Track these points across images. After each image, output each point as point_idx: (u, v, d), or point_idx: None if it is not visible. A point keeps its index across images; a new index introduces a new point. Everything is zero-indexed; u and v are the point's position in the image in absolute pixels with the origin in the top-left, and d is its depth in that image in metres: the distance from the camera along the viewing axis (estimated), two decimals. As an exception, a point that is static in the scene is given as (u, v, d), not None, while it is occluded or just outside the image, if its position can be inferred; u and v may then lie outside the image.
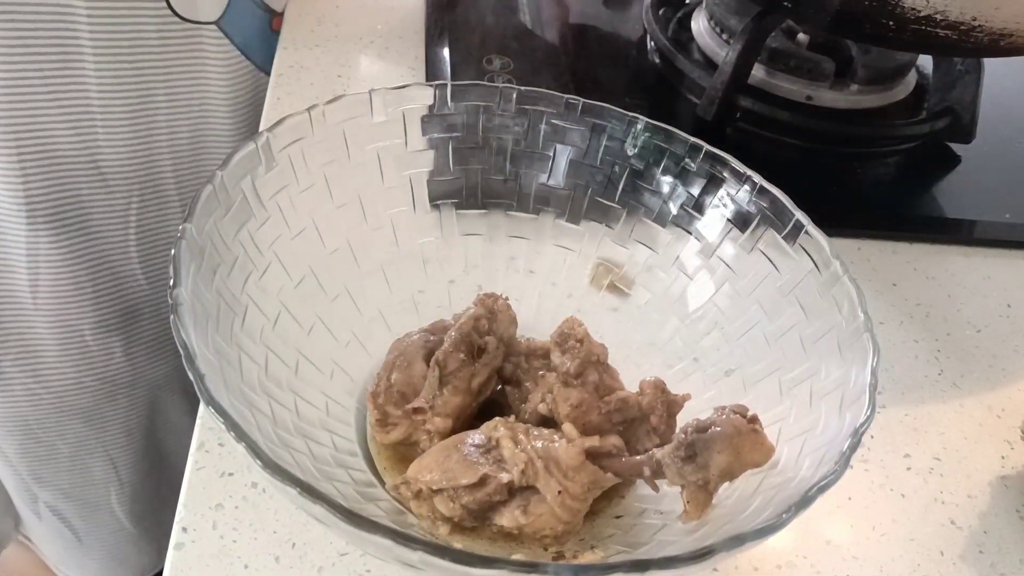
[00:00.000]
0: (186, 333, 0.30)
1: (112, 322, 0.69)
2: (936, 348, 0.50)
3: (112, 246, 0.66)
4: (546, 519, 0.33)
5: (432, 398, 0.36)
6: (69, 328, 0.68)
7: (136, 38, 0.58)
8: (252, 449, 0.27)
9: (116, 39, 0.57)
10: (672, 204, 0.43)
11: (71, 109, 0.59)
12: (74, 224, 0.63)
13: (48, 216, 0.62)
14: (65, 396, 0.71)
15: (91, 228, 0.64)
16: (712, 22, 0.65)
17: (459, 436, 0.35)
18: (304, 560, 0.35)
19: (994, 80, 0.62)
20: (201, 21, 0.60)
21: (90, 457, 0.76)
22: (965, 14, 0.48)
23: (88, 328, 0.68)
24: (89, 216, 0.64)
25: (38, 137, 0.59)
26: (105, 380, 0.72)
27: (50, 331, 0.67)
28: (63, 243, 0.63)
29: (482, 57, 0.63)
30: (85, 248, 0.65)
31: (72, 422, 0.73)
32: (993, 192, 0.61)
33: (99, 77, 0.58)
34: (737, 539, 0.27)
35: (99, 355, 0.70)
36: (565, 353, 0.36)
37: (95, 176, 0.62)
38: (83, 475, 0.77)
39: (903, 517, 0.41)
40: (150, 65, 0.59)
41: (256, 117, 0.66)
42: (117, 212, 0.65)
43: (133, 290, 0.69)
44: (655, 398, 0.35)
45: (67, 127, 0.59)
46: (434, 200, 0.44)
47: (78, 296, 0.66)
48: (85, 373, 0.70)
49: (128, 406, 0.75)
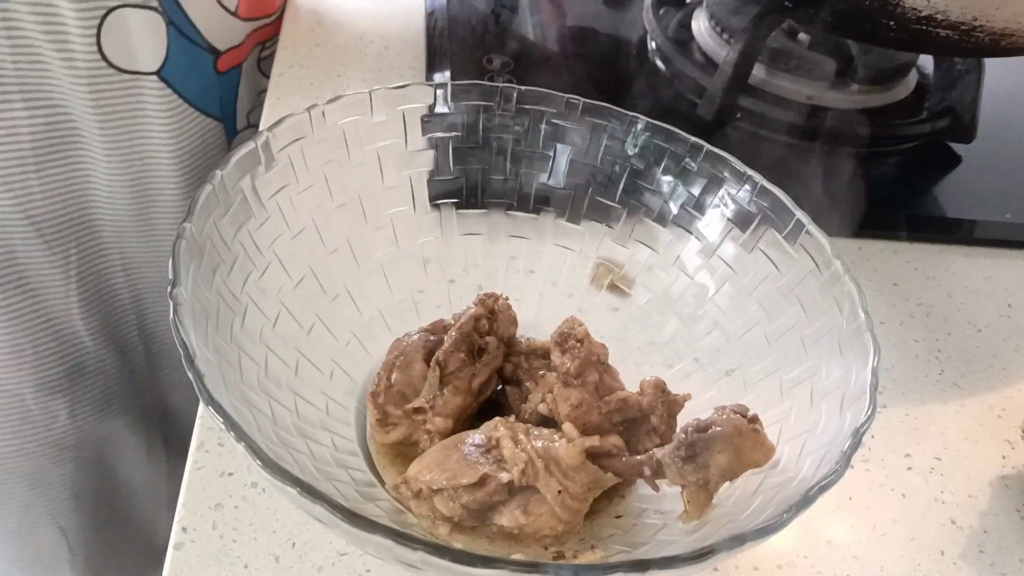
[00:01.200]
0: (185, 333, 0.30)
1: (55, 383, 0.66)
2: (936, 348, 0.50)
3: (52, 303, 0.63)
4: (546, 519, 0.33)
5: (432, 398, 0.36)
6: (8, 393, 0.64)
7: (67, 89, 0.55)
8: (252, 449, 0.27)
9: (47, 91, 0.54)
10: (672, 204, 0.43)
11: (3, 166, 0.56)
12: (8, 282, 0.60)
13: None
14: (5, 461, 0.67)
15: (28, 285, 0.61)
16: (712, 22, 0.65)
17: (459, 436, 0.35)
18: (304, 560, 0.35)
19: (995, 80, 0.62)
20: (139, 71, 0.56)
21: (37, 527, 0.73)
22: (966, 14, 0.48)
23: (29, 391, 0.65)
24: (25, 273, 0.60)
25: None
26: (50, 444, 0.68)
27: None
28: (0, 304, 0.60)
29: (482, 57, 0.62)
30: (22, 307, 0.61)
31: (16, 489, 0.69)
32: (993, 192, 0.61)
33: (31, 129, 0.55)
34: (737, 539, 0.27)
35: (42, 419, 0.66)
36: (565, 353, 0.36)
37: (31, 231, 0.59)
38: (31, 543, 0.74)
39: (903, 517, 0.41)
40: (83, 116, 0.56)
41: (205, 164, 0.63)
42: (56, 267, 0.61)
43: (76, 347, 0.66)
44: (655, 398, 0.35)
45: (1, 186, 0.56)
46: (434, 200, 0.44)
47: (17, 359, 0.63)
48: (27, 439, 0.67)
49: (75, 469, 0.71)
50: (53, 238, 0.60)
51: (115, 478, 0.76)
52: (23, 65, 0.53)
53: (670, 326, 0.42)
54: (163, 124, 0.59)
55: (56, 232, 0.60)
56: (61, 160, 0.58)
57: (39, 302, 0.62)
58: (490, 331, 0.38)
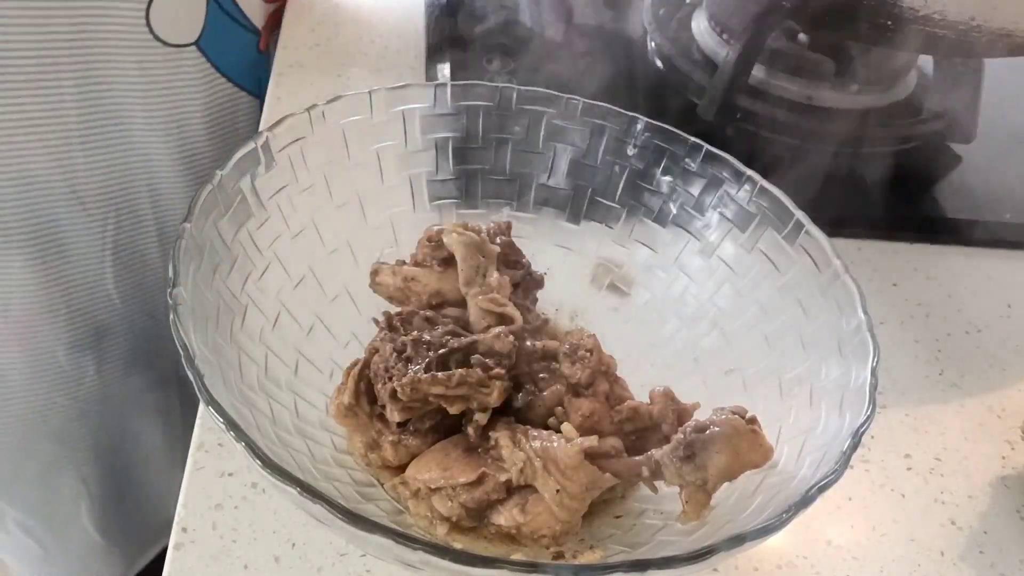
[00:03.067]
0: (185, 333, 0.30)
1: (85, 341, 0.69)
2: (936, 348, 0.50)
3: (88, 267, 0.66)
4: (544, 518, 0.33)
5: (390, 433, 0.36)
6: (42, 350, 0.67)
7: (116, 62, 0.57)
8: (252, 449, 0.27)
9: (95, 62, 0.56)
10: (672, 204, 0.43)
11: (49, 135, 0.58)
12: (50, 247, 0.63)
13: (22, 240, 0.61)
14: (35, 416, 0.70)
15: (68, 250, 0.64)
16: (712, 22, 0.65)
17: (458, 435, 0.35)
18: (304, 560, 0.35)
19: (994, 80, 0.62)
20: (181, 44, 0.59)
21: (60, 476, 0.75)
22: (963, 14, 0.48)
23: (61, 348, 0.68)
24: (65, 239, 0.63)
25: (12, 163, 0.58)
26: (78, 399, 0.71)
27: (21, 353, 0.67)
28: (38, 266, 0.63)
29: (482, 57, 0.63)
30: (60, 270, 0.64)
31: (43, 442, 0.72)
32: (993, 192, 0.61)
33: (78, 101, 0.57)
34: (737, 539, 0.27)
35: (72, 374, 0.70)
36: (575, 363, 0.35)
37: (73, 200, 0.62)
38: (53, 492, 0.77)
39: (903, 517, 0.41)
40: (128, 88, 0.59)
41: (235, 137, 0.66)
42: (95, 234, 0.64)
43: (106, 308, 0.69)
44: (665, 407, 0.35)
45: (44, 153, 0.58)
46: (434, 200, 0.44)
47: (52, 317, 0.66)
48: (58, 393, 0.70)
49: (99, 424, 0.74)
50: (93, 207, 0.63)
51: (135, 435, 0.79)
52: (76, 43, 0.55)
53: (670, 326, 0.42)
54: (198, 94, 0.62)
55: (97, 202, 0.63)
56: (104, 133, 0.60)
57: (75, 265, 0.65)
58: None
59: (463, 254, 0.38)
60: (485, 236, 0.39)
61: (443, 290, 0.39)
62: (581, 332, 0.36)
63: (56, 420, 0.71)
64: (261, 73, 0.65)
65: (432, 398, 0.33)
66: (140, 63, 0.58)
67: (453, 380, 0.33)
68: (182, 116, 0.62)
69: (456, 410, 0.34)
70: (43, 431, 0.71)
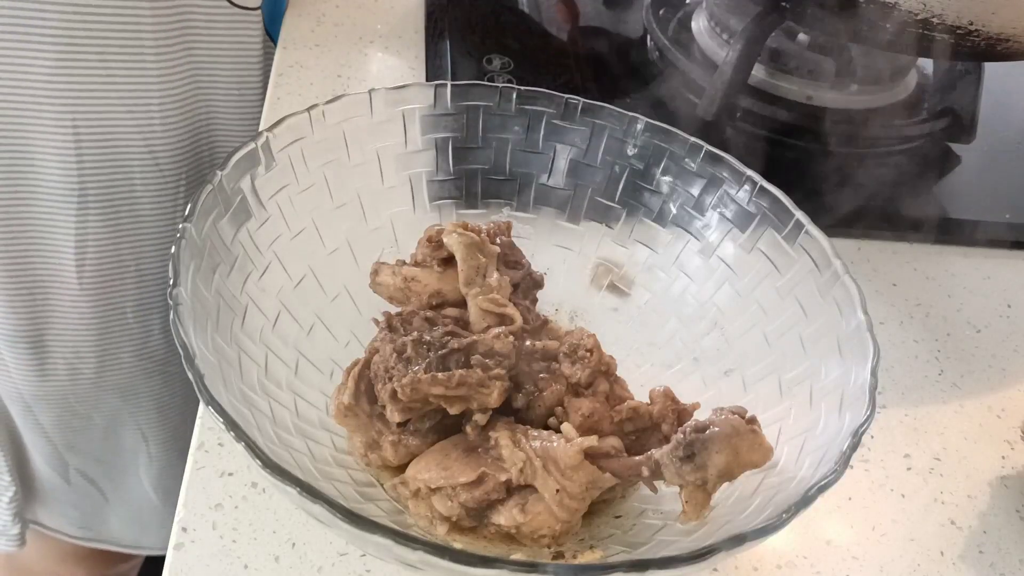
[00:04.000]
0: (185, 333, 0.30)
1: (153, 301, 0.71)
2: (936, 348, 0.50)
3: (158, 228, 0.68)
4: (544, 518, 0.33)
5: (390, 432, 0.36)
6: (112, 306, 0.69)
7: (189, 22, 0.59)
8: (252, 449, 0.27)
9: (175, 23, 0.59)
10: (672, 204, 0.43)
11: (130, 93, 0.60)
12: (124, 206, 0.65)
13: (99, 197, 0.63)
14: (104, 372, 0.73)
15: (140, 210, 0.66)
16: (712, 22, 0.65)
17: (458, 435, 0.35)
18: (304, 560, 0.35)
19: (994, 80, 0.62)
20: (249, 7, 0.61)
21: (123, 428, 0.78)
22: (962, 18, 0.48)
23: (130, 307, 0.70)
24: (140, 198, 0.65)
25: (95, 119, 0.60)
26: (143, 357, 0.74)
27: (93, 309, 0.69)
28: (112, 224, 0.65)
29: (482, 57, 0.63)
30: (133, 229, 0.66)
31: (109, 397, 0.75)
32: (993, 192, 0.61)
33: (158, 63, 0.59)
34: (737, 539, 0.27)
35: (139, 333, 0.72)
36: (575, 363, 0.36)
37: (149, 160, 0.63)
38: (114, 444, 0.79)
39: (903, 517, 0.41)
40: (199, 49, 0.61)
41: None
42: (166, 195, 0.66)
43: None
44: (665, 407, 0.35)
45: (125, 111, 0.60)
46: (434, 200, 0.44)
47: (122, 275, 0.68)
48: (125, 350, 0.72)
49: (162, 383, 0.77)
50: (167, 168, 0.65)
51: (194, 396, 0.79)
52: (161, 11, 0.58)
53: (670, 326, 0.42)
54: (256, 58, 0.64)
55: (171, 162, 0.65)
56: (179, 94, 0.62)
57: (148, 226, 0.67)
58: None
59: (463, 254, 0.38)
60: (485, 236, 0.39)
61: (443, 290, 0.39)
62: (581, 332, 0.36)
63: (122, 376, 0.74)
64: None
65: (432, 398, 0.33)
66: (209, 23, 0.60)
67: (453, 380, 0.33)
68: (243, 79, 0.64)
69: (456, 410, 0.34)
70: (110, 385, 0.74)
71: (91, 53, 0.57)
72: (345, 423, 0.36)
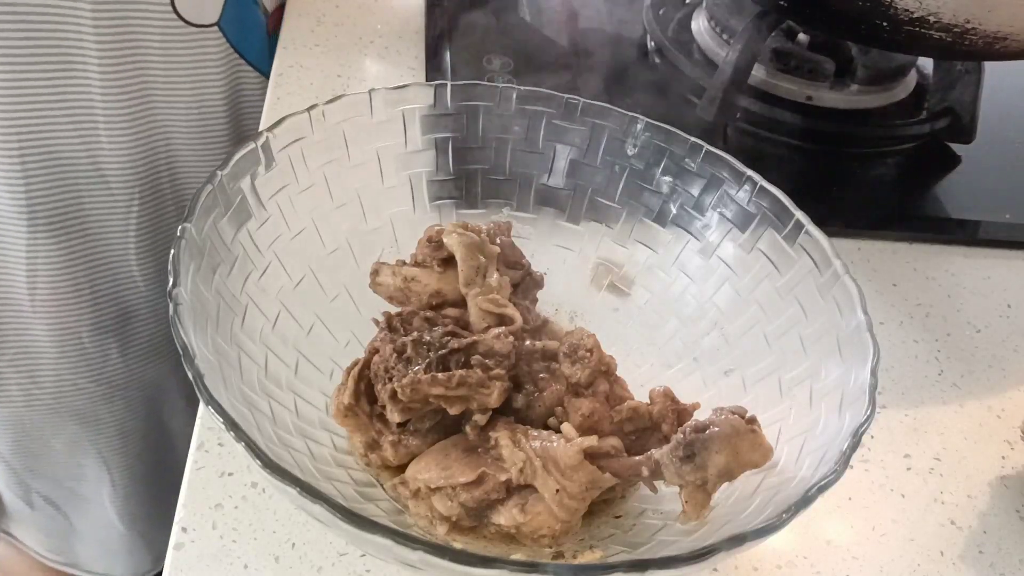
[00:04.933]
0: (185, 333, 0.30)
1: (109, 324, 0.69)
2: (936, 348, 0.50)
3: (111, 248, 0.66)
4: (544, 518, 0.33)
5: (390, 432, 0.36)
6: (66, 330, 0.68)
7: (139, 41, 0.58)
8: (252, 449, 0.27)
9: (120, 41, 0.57)
10: (672, 204, 0.43)
11: (75, 110, 0.59)
12: (74, 226, 0.63)
13: (49, 218, 0.62)
14: (61, 398, 0.71)
15: (91, 230, 0.64)
16: (712, 22, 0.65)
17: (458, 435, 0.35)
18: (304, 560, 0.35)
19: (994, 80, 0.62)
20: (204, 24, 0.60)
21: (84, 457, 0.76)
22: (958, 16, 0.48)
23: (86, 330, 0.68)
24: (89, 218, 0.64)
25: (41, 138, 0.59)
26: (101, 382, 0.72)
27: (47, 333, 0.67)
28: (63, 245, 0.64)
29: (482, 57, 0.63)
30: (84, 250, 0.65)
31: (67, 423, 0.73)
32: (993, 192, 0.61)
33: (103, 78, 0.58)
34: (737, 539, 0.27)
35: (96, 357, 0.70)
36: (575, 363, 0.35)
37: (96, 178, 0.62)
38: (76, 470, 0.78)
39: (903, 517, 0.41)
40: (152, 67, 0.59)
41: (253, 119, 0.67)
42: (117, 214, 0.65)
43: (130, 291, 0.69)
44: (665, 407, 0.35)
45: (70, 128, 0.59)
46: (434, 200, 0.44)
47: (76, 298, 0.66)
48: (82, 375, 0.70)
49: (124, 408, 0.75)
50: (117, 186, 0.64)
51: (158, 419, 0.79)
52: (103, 23, 0.56)
53: (670, 326, 0.42)
54: (219, 75, 0.63)
55: (121, 181, 0.63)
56: (128, 111, 0.61)
57: (100, 246, 0.66)
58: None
59: (463, 254, 0.38)
60: (485, 236, 0.39)
61: (443, 290, 0.39)
62: (581, 332, 0.36)
63: (80, 401, 0.72)
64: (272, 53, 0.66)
65: (432, 399, 0.33)
66: (163, 42, 0.59)
67: (453, 381, 0.33)
68: (203, 97, 0.63)
69: (456, 411, 0.34)
70: (68, 411, 0.72)
71: (36, 73, 0.56)
72: (345, 423, 0.36)
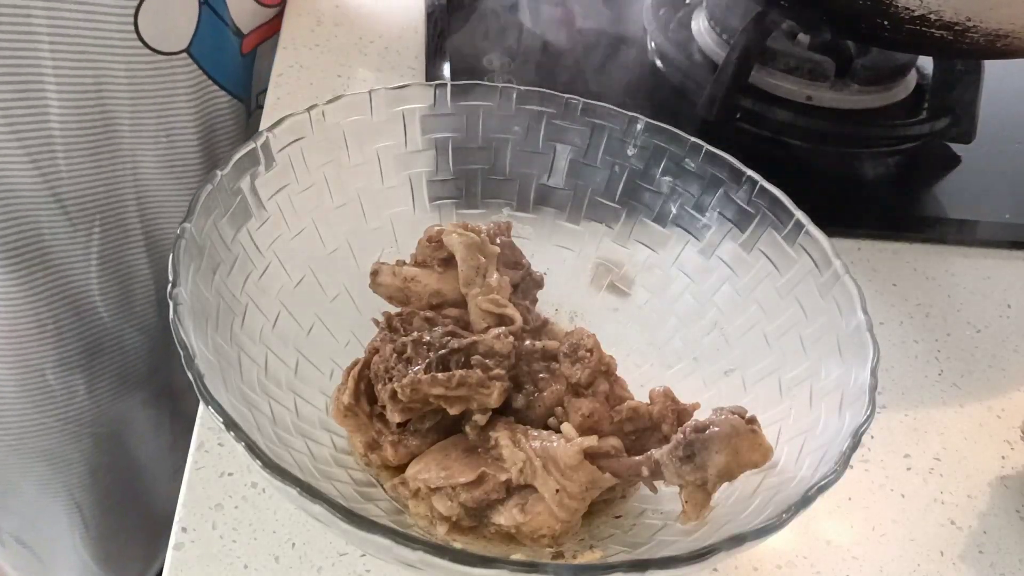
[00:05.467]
0: (185, 333, 0.30)
1: (74, 359, 0.67)
2: (936, 348, 0.50)
3: (73, 280, 0.64)
4: (544, 518, 0.33)
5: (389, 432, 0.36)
6: (30, 368, 0.65)
7: (102, 70, 0.56)
8: (252, 449, 0.27)
9: (80, 71, 0.55)
10: (672, 204, 0.43)
11: (31, 142, 0.56)
12: (34, 259, 0.61)
13: (6, 252, 0.59)
14: (25, 438, 0.69)
15: (52, 262, 0.62)
16: (712, 22, 0.65)
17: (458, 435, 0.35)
18: (304, 560, 0.35)
19: (994, 80, 0.62)
20: (171, 52, 0.58)
21: (54, 500, 0.74)
22: (959, 14, 0.48)
23: (50, 367, 0.66)
24: (49, 250, 0.61)
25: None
26: (68, 420, 0.69)
27: (10, 372, 0.65)
28: (23, 279, 0.61)
29: (482, 57, 0.63)
30: (45, 283, 0.62)
31: (35, 464, 0.71)
32: (993, 192, 0.61)
33: (61, 108, 0.56)
34: (737, 539, 0.27)
35: (61, 395, 0.68)
36: (575, 363, 0.35)
37: (56, 209, 0.60)
38: (47, 513, 0.75)
39: (903, 517, 0.41)
40: (116, 96, 0.57)
41: (227, 142, 0.65)
42: (78, 244, 0.62)
43: (94, 324, 0.67)
44: (665, 407, 0.35)
45: (26, 161, 0.57)
46: (434, 200, 0.44)
47: (39, 334, 0.64)
48: (47, 414, 0.68)
49: (92, 446, 0.72)
50: (78, 216, 0.61)
51: (127, 453, 0.77)
52: (60, 47, 0.54)
53: (669, 326, 0.42)
54: (189, 101, 0.61)
55: (80, 211, 0.61)
56: (90, 140, 0.59)
57: (61, 279, 0.63)
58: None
59: (463, 254, 0.38)
60: (485, 236, 0.39)
61: (443, 290, 0.39)
62: (581, 332, 0.36)
63: (47, 441, 0.69)
64: (244, 74, 0.65)
65: (432, 399, 0.33)
66: (128, 70, 0.56)
67: (453, 381, 0.33)
68: (172, 124, 0.61)
69: (456, 411, 0.34)
70: (35, 451, 0.70)
71: None
72: (345, 423, 0.36)
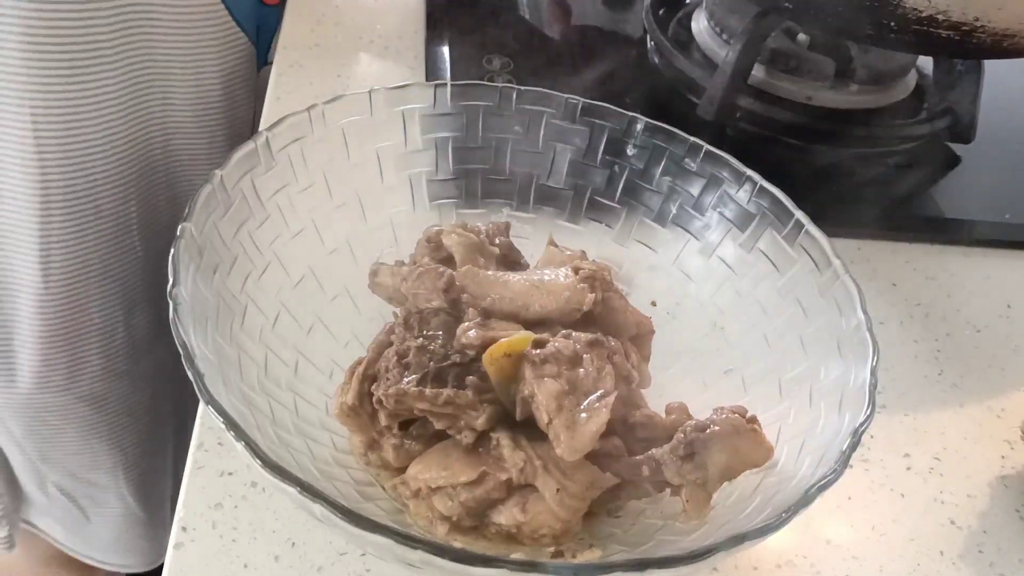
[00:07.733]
0: (185, 332, 0.30)
1: (115, 298, 0.70)
2: (936, 348, 0.50)
3: (117, 222, 0.66)
4: (544, 517, 0.33)
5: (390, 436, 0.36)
6: (78, 308, 0.67)
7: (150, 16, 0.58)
8: (252, 449, 0.27)
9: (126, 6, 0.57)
10: (672, 204, 0.43)
11: (91, 86, 0.59)
12: (85, 201, 0.63)
13: (63, 196, 0.62)
14: (73, 379, 0.71)
15: (100, 204, 0.64)
16: (712, 22, 0.65)
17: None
18: (304, 560, 0.35)
19: (994, 80, 0.62)
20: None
21: (98, 442, 0.77)
22: (967, 15, 0.48)
23: (95, 306, 0.68)
24: (99, 193, 0.64)
25: (56, 115, 0.58)
26: (109, 356, 0.72)
27: (60, 312, 0.67)
28: (75, 223, 0.63)
29: (482, 57, 0.63)
30: (94, 225, 0.65)
31: (78, 406, 0.73)
32: (993, 192, 0.61)
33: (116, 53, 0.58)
34: (737, 538, 0.27)
35: (104, 331, 0.70)
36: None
37: (110, 155, 0.62)
38: (91, 458, 0.78)
39: (903, 517, 0.41)
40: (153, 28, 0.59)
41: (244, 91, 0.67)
42: (121, 186, 0.65)
43: (134, 267, 0.69)
44: (680, 420, 0.35)
45: (87, 105, 0.59)
46: (434, 200, 0.44)
47: (86, 275, 0.66)
48: (92, 351, 0.71)
49: (131, 387, 0.75)
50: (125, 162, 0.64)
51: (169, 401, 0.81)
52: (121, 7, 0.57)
53: (669, 326, 0.42)
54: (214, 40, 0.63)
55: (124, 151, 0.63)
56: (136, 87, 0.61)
57: (108, 220, 0.65)
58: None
59: (463, 255, 0.38)
60: (484, 237, 0.39)
61: None
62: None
63: (90, 382, 0.72)
64: (260, 23, 0.66)
65: (417, 411, 0.33)
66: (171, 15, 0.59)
67: (439, 399, 0.33)
68: (199, 65, 0.63)
69: (441, 426, 0.34)
70: (79, 394, 0.72)
71: (53, 47, 0.56)
72: (347, 423, 0.36)
